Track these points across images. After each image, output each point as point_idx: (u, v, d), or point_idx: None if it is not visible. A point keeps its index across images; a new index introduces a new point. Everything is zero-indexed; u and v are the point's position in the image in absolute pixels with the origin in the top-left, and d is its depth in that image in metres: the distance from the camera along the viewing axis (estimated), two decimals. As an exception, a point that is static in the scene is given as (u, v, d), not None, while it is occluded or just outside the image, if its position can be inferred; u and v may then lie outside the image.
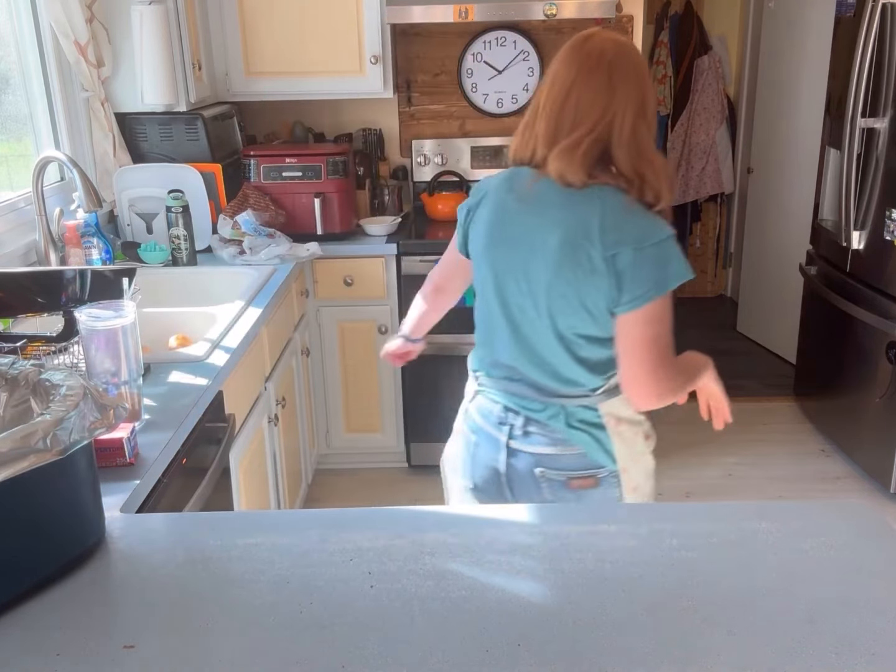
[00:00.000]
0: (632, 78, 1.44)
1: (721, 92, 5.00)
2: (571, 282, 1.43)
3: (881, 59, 2.97)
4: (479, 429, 1.65)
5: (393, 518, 1.18)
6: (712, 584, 1.00)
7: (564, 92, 1.44)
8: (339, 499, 3.22)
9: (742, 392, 4.09)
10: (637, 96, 1.44)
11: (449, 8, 2.95)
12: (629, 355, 1.45)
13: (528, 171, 1.51)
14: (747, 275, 4.77)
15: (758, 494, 3.17)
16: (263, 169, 3.07)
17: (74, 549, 1.06)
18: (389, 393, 3.28)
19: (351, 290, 3.14)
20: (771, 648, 0.89)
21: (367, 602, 0.98)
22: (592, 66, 1.43)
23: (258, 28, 3.13)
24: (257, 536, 1.12)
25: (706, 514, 1.18)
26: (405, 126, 3.59)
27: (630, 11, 3.38)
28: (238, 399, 2.08)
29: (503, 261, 1.53)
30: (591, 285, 1.42)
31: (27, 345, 1.60)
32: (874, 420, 3.16)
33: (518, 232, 1.50)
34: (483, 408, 1.65)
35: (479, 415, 1.65)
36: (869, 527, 1.12)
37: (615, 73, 1.42)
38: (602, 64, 1.42)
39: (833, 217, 3.39)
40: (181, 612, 0.97)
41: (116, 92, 2.87)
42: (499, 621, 0.94)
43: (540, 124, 1.48)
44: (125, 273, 1.70)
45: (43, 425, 0.95)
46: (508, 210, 1.52)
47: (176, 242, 2.75)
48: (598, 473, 1.57)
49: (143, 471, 1.38)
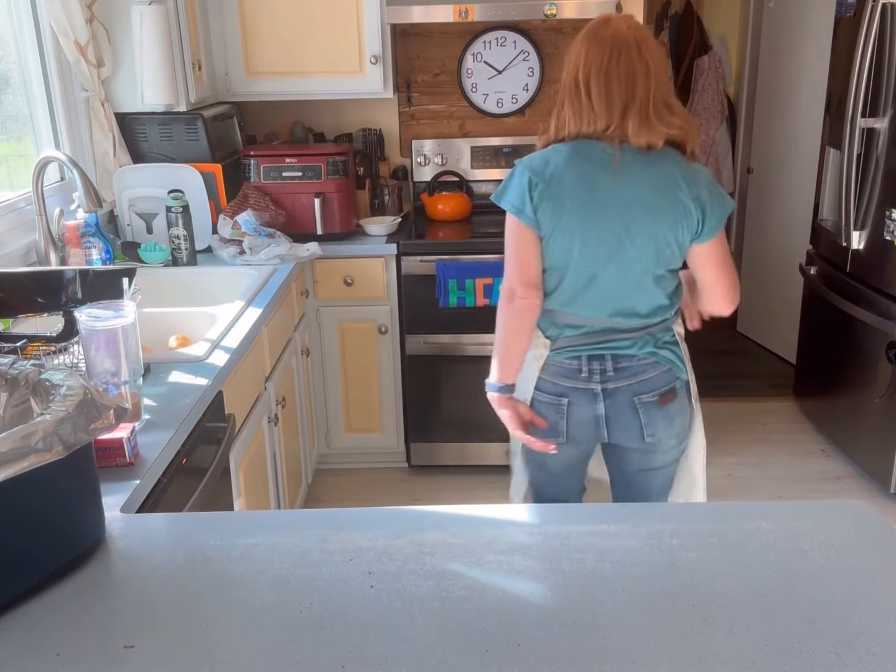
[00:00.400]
0: (654, 50, 1.69)
1: (721, 92, 5.00)
2: (671, 225, 1.70)
3: (881, 59, 2.97)
4: (568, 389, 1.84)
5: (393, 518, 1.18)
6: (712, 584, 1.00)
7: (605, 69, 1.66)
8: (339, 499, 3.22)
9: (742, 392, 4.09)
10: (661, 65, 1.71)
11: (449, 8, 2.95)
12: (724, 269, 1.79)
13: (597, 143, 1.71)
14: (747, 275, 4.77)
15: (758, 494, 3.17)
16: (263, 169, 3.07)
17: (74, 548, 1.06)
18: (389, 393, 3.28)
19: (351, 290, 3.14)
20: (771, 648, 0.89)
21: (367, 602, 0.98)
22: (622, 44, 1.66)
23: (258, 28, 3.13)
24: (257, 536, 1.12)
25: (706, 514, 1.18)
26: (405, 126, 3.59)
27: (630, 11, 3.38)
28: (238, 399, 2.08)
29: (595, 223, 1.71)
30: (683, 225, 1.71)
31: (27, 345, 1.60)
32: (874, 420, 3.16)
33: (611, 195, 1.70)
34: (564, 369, 1.84)
35: (563, 377, 1.84)
36: (869, 527, 1.12)
37: (642, 47, 1.67)
38: (630, 41, 1.66)
39: (833, 217, 3.39)
40: (181, 612, 0.98)
41: (116, 92, 2.87)
42: (499, 621, 0.94)
43: (586, 102, 1.69)
44: (125, 273, 1.70)
45: (43, 425, 0.96)
46: (595, 178, 1.70)
47: (176, 242, 2.75)
48: (677, 385, 1.85)
49: (143, 471, 1.38)
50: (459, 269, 3.02)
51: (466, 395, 3.19)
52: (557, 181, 1.71)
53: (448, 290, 3.04)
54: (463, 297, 3.05)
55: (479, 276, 3.02)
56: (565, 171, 1.71)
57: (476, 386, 3.16)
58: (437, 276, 3.03)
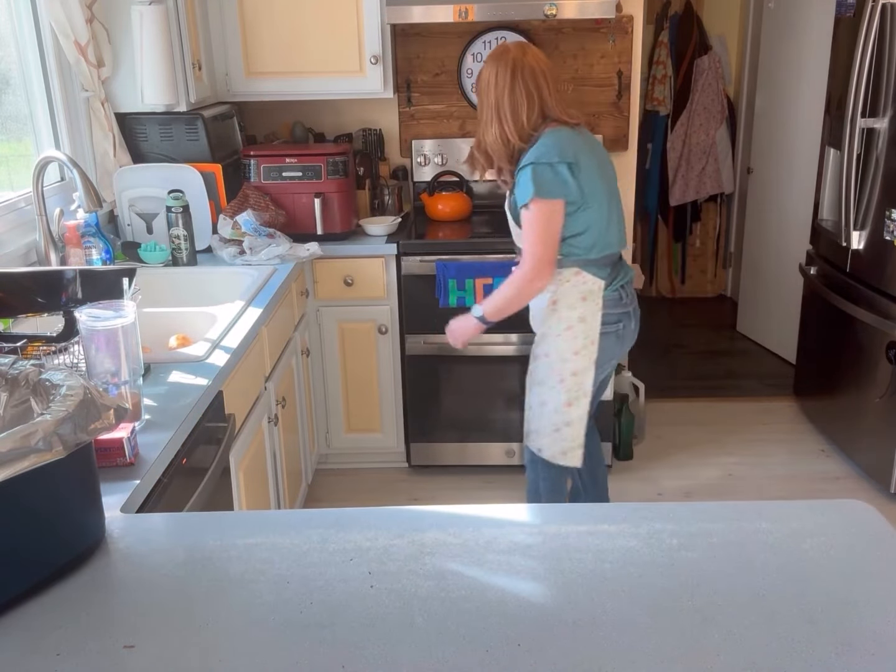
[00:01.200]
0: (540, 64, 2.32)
1: (721, 92, 5.00)
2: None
3: (881, 59, 2.97)
4: (620, 315, 2.38)
5: (393, 518, 1.18)
6: (712, 584, 1.00)
7: (536, 83, 2.27)
8: (339, 499, 3.22)
9: (742, 392, 4.09)
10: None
11: (449, 8, 2.95)
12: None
13: (574, 132, 2.29)
14: (747, 275, 4.77)
15: (758, 494, 3.17)
16: (263, 169, 3.07)
17: (74, 548, 1.06)
18: (389, 393, 3.28)
19: (351, 290, 3.14)
20: (771, 648, 0.89)
21: (367, 602, 0.98)
22: (526, 66, 2.26)
23: (258, 28, 3.13)
24: (257, 536, 1.12)
25: (706, 514, 1.18)
26: (405, 126, 3.59)
27: (630, 11, 3.38)
28: (238, 399, 2.08)
29: (610, 181, 2.36)
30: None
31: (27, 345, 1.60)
32: (874, 420, 3.16)
33: (606, 162, 2.39)
34: (614, 300, 2.36)
35: (616, 306, 2.36)
36: (869, 527, 1.12)
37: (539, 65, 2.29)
38: (525, 62, 2.27)
39: (833, 217, 3.39)
40: (181, 612, 0.98)
41: (116, 92, 2.87)
42: (499, 621, 0.94)
43: (547, 102, 2.29)
44: (125, 273, 1.70)
45: (43, 425, 0.96)
46: (598, 154, 2.35)
47: (176, 242, 2.75)
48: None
49: (143, 471, 1.38)
50: (459, 268, 3.02)
51: (466, 395, 3.19)
52: (583, 163, 2.24)
53: (448, 290, 3.04)
54: (463, 297, 3.05)
55: (479, 276, 3.02)
56: (586, 154, 2.26)
57: (476, 386, 3.18)
58: (436, 276, 3.03)
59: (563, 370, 2.38)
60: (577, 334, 2.34)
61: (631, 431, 3.40)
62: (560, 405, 2.41)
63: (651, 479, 3.29)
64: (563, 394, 2.39)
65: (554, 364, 2.39)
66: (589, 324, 2.33)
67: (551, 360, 2.39)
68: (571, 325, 2.34)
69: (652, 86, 5.01)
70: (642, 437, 3.53)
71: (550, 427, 2.44)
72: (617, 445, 3.37)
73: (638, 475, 3.30)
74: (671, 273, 5.48)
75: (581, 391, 2.39)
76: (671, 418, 3.73)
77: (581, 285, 2.32)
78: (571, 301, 2.33)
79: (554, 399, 2.41)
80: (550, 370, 2.40)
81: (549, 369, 2.40)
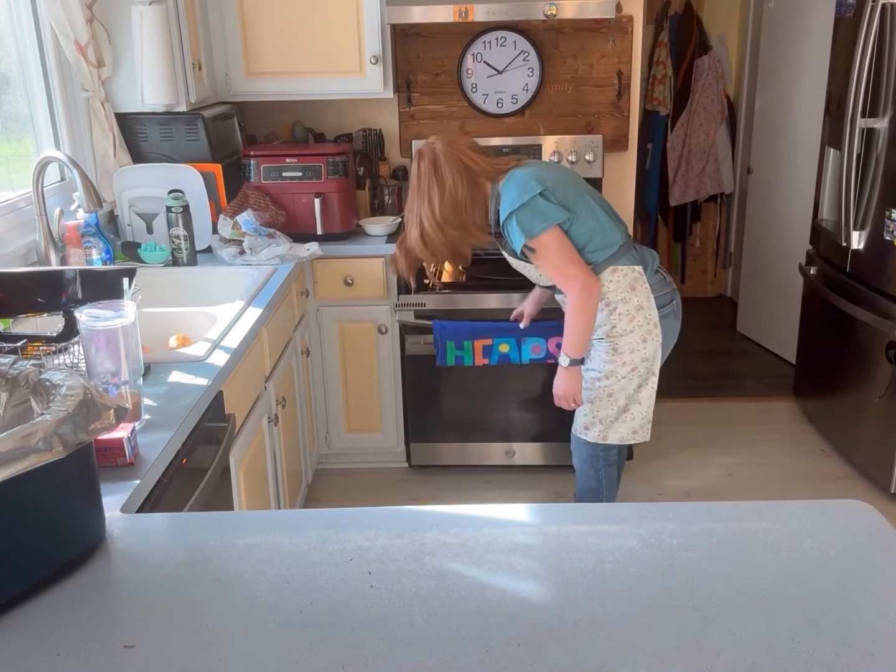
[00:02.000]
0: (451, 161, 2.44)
1: (721, 92, 5.00)
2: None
3: (881, 59, 2.97)
4: (671, 293, 2.50)
5: (393, 518, 1.18)
6: (712, 584, 1.00)
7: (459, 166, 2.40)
8: (339, 499, 3.22)
9: (742, 392, 4.09)
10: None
11: (449, 8, 2.95)
12: None
13: (520, 167, 2.41)
14: (747, 275, 4.77)
15: (758, 494, 3.17)
16: (263, 169, 3.07)
17: (74, 548, 1.06)
18: (389, 393, 3.28)
19: (351, 290, 3.14)
20: (771, 648, 0.89)
21: (367, 602, 0.98)
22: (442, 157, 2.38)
23: (258, 28, 3.13)
24: (257, 536, 1.12)
25: (706, 514, 1.18)
26: (405, 126, 3.59)
27: (630, 11, 3.38)
28: (238, 399, 2.08)
29: (578, 184, 2.45)
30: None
31: (27, 345, 1.60)
32: (874, 420, 3.16)
33: (565, 170, 2.52)
34: (659, 282, 2.48)
35: (662, 289, 2.47)
36: (869, 527, 1.12)
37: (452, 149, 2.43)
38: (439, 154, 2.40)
39: (833, 217, 3.39)
40: (181, 612, 0.98)
41: (116, 92, 2.87)
42: (499, 621, 0.94)
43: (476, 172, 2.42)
44: (125, 273, 1.70)
45: (43, 425, 0.96)
46: (554, 169, 2.48)
47: (176, 242, 2.75)
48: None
49: (143, 471, 1.38)
50: (458, 330, 2.97)
51: (466, 395, 3.19)
52: (552, 178, 2.37)
53: (446, 350, 2.99)
54: (461, 356, 2.99)
55: (477, 337, 2.96)
56: (540, 175, 2.36)
57: (476, 386, 3.18)
58: (433, 337, 2.99)
59: (635, 360, 2.45)
60: (640, 323, 2.42)
61: (631, 431, 3.40)
62: (629, 390, 2.48)
63: (651, 479, 3.29)
64: (635, 380, 2.47)
65: (627, 357, 2.45)
66: (647, 309, 2.42)
67: (624, 355, 2.45)
68: (633, 317, 2.42)
69: (652, 86, 5.01)
70: (642, 437, 3.53)
71: (617, 412, 2.51)
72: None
73: (638, 475, 3.30)
74: (671, 273, 5.47)
75: (650, 373, 2.48)
76: (671, 418, 3.73)
77: (623, 278, 2.40)
78: (623, 295, 2.41)
79: (622, 386, 2.48)
80: (621, 365, 2.46)
81: (620, 364, 2.46)
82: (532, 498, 3.16)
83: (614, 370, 2.47)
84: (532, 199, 2.29)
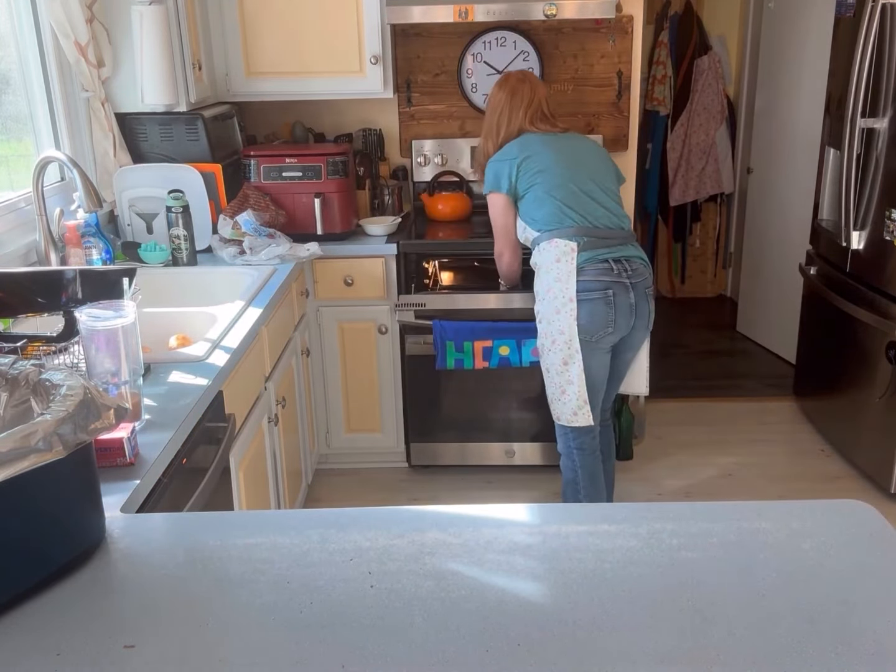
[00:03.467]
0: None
1: (721, 92, 5.00)
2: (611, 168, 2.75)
3: (881, 59, 2.97)
4: (610, 283, 2.53)
5: (393, 518, 1.18)
6: (712, 584, 1.00)
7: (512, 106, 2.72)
8: (339, 499, 3.22)
9: (742, 392, 4.09)
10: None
11: (449, 8, 2.95)
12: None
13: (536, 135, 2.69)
14: (747, 275, 4.77)
15: (758, 494, 3.17)
16: (263, 169, 3.07)
17: (75, 548, 1.06)
18: (389, 393, 3.28)
19: (351, 290, 3.14)
20: (771, 648, 0.89)
21: (367, 602, 0.98)
22: (517, 92, 2.72)
23: (258, 28, 3.13)
24: (257, 536, 1.12)
25: (706, 514, 1.18)
26: (405, 126, 3.59)
27: (630, 11, 3.38)
28: (238, 399, 2.08)
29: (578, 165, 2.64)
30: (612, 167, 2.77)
31: (27, 345, 1.60)
32: (874, 420, 3.16)
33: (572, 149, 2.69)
34: (601, 269, 2.53)
35: (601, 275, 2.53)
36: (869, 527, 1.12)
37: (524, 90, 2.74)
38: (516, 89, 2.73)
39: (833, 217, 3.39)
40: (181, 612, 0.98)
41: (116, 92, 2.87)
42: (499, 621, 0.94)
43: (519, 122, 2.71)
44: (125, 273, 1.70)
45: (43, 425, 0.95)
46: (560, 145, 2.67)
47: (176, 242, 2.75)
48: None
49: (143, 471, 1.38)
50: (457, 330, 2.96)
51: (466, 394, 3.19)
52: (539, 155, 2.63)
53: (446, 351, 2.98)
54: (461, 359, 2.99)
55: (477, 338, 2.95)
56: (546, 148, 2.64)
57: (476, 386, 3.18)
58: (433, 338, 2.98)
59: (552, 330, 2.58)
60: (556, 294, 2.55)
61: (631, 431, 3.40)
62: (558, 365, 2.59)
63: (651, 479, 3.29)
64: (557, 353, 2.59)
65: (545, 327, 2.61)
66: (564, 283, 2.54)
67: (542, 324, 2.62)
68: (550, 287, 2.57)
69: (652, 86, 5.01)
70: (642, 437, 3.53)
71: (558, 390, 2.63)
72: (617, 445, 3.37)
73: (638, 475, 3.30)
74: (671, 273, 5.48)
75: (573, 349, 2.56)
76: (671, 418, 3.73)
77: (553, 249, 2.55)
78: (548, 265, 2.57)
79: (552, 360, 2.61)
80: (544, 335, 2.62)
81: (543, 335, 2.62)
82: (532, 498, 3.16)
83: (542, 343, 2.63)
84: (502, 161, 2.62)
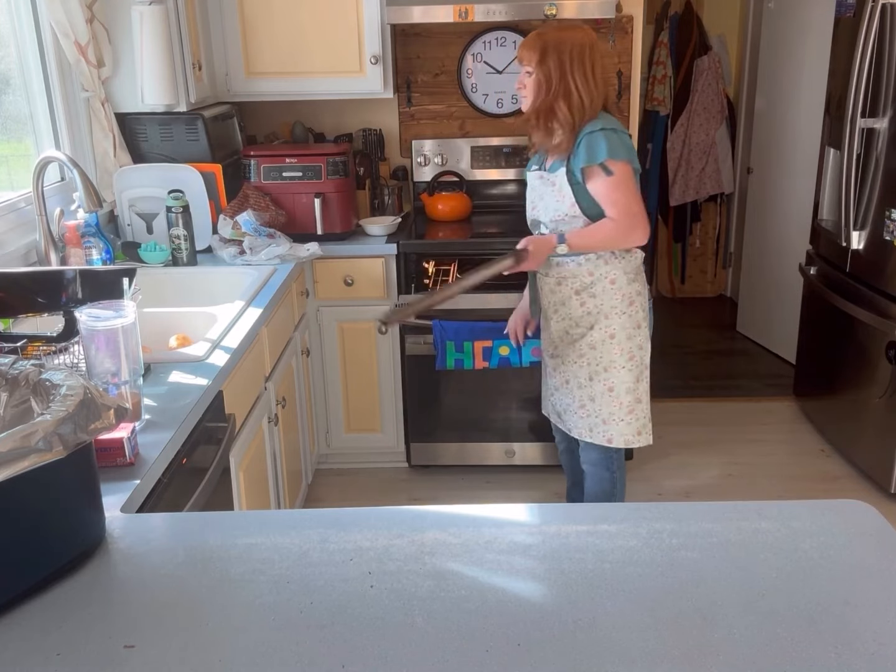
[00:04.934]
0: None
1: (721, 92, 5.00)
2: None
3: (881, 59, 2.97)
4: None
5: (393, 518, 1.18)
6: (712, 584, 1.00)
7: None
8: (339, 499, 3.22)
9: (742, 392, 4.09)
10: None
11: (449, 8, 2.95)
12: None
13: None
14: (747, 275, 4.77)
15: (758, 494, 3.17)
16: (263, 169, 3.07)
17: (74, 548, 1.06)
18: (389, 393, 3.28)
19: (351, 290, 3.14)
20: (771, 648, 0.89)
21: (367, 602, 0.98)
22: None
23: (258, 28, 3.13)
24: (257, 536, 1.13)
25: (706, 514, 1.18)
26: (405, 126, 3.59)
27: (630, 11, 3.38)
28: (238, 399, 2.08)
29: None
30: None
31: (27, 345, 1.60)
32: (874, 420, 3.16)
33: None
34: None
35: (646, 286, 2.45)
36: (869, 527, 1.12)
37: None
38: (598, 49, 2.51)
39: (833, 217, 3.39)
40: (181, 612, 0.98)
41: (116, 92, 2.87)
42: (499, 621, 0.94)
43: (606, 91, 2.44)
44: (125, 273, 1.70)
45: (43, 425, 0.96)
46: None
47: (176, 242, 2.75)
48: None
49: (143, 471, 1.38)
50: (458, 330, 2.94)
51: (466, 394, 3.19)
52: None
53: (446, 351, 2.95)
54: (461, 359, 2.96)
55: (477, 339, 2.92)
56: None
57: (476, 386, 3.18)
58: (433, 337, 2.96)
59: (632, 346, 2.39)
60: (637, 308, 2.38)
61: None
62: (631, 384, 2.41)
63: (651, 479, 3.29)
64: (633, 370, 2.41)
65: (622, 343, 2.38)
66: (643, 296, 2.41)
67: (618, 339, 2.37)
68: (633, 300, 2.37)
69: (652, 86, 5.01)
70: (642, 437, 3.53)
71: (624, 410, 2.42)
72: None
73: (638, 475, 3.30)
74: (671, 273, 5.48)
75: (644, 365, 2.43)
76: (671, 418, 3.72)
77: (633, 260, 2.38)
78: (631, 276, 2.37)
79: (624, 379, 2.40)
80: (619, 350, 2.38)
81: (617, 349, 2.38)
82: (532, 498, 3.15)
83: (613, 360, 2.38)
84: (625, 134, 2.29)
